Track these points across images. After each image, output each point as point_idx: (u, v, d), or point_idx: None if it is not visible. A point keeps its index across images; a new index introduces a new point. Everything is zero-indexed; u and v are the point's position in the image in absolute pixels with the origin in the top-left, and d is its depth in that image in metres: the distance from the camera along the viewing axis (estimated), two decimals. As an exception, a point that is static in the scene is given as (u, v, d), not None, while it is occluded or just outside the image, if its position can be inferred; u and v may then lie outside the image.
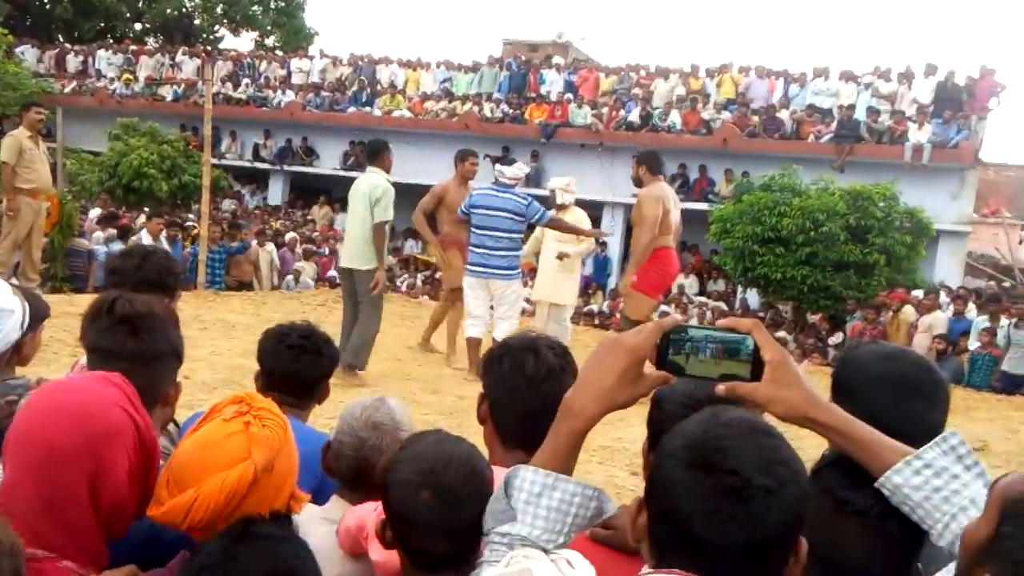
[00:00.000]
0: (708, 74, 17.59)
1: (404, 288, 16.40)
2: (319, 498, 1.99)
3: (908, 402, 1.47)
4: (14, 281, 7.69)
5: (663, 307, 14.31)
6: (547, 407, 1.30)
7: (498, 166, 6.65)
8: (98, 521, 1.36)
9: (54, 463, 1.32)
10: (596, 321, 13.61)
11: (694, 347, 1.22)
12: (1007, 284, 15.15)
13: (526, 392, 1.63)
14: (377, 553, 1.57)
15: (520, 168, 6.69)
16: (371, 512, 1.66)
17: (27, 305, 2.14)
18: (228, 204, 18.67)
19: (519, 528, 1.20)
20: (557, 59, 19.52)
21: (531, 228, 6.78)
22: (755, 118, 16.22)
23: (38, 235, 8.05)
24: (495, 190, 6.45)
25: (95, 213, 13.46)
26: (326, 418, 3.32)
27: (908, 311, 11.42)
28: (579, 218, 7.28)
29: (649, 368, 1.22)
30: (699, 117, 16.41)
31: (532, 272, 7.80)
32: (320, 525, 1.77)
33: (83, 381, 1.45)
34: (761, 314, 13.83)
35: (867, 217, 12.22)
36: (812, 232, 12.11)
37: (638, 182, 6.67)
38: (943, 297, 12.09)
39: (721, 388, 1.19)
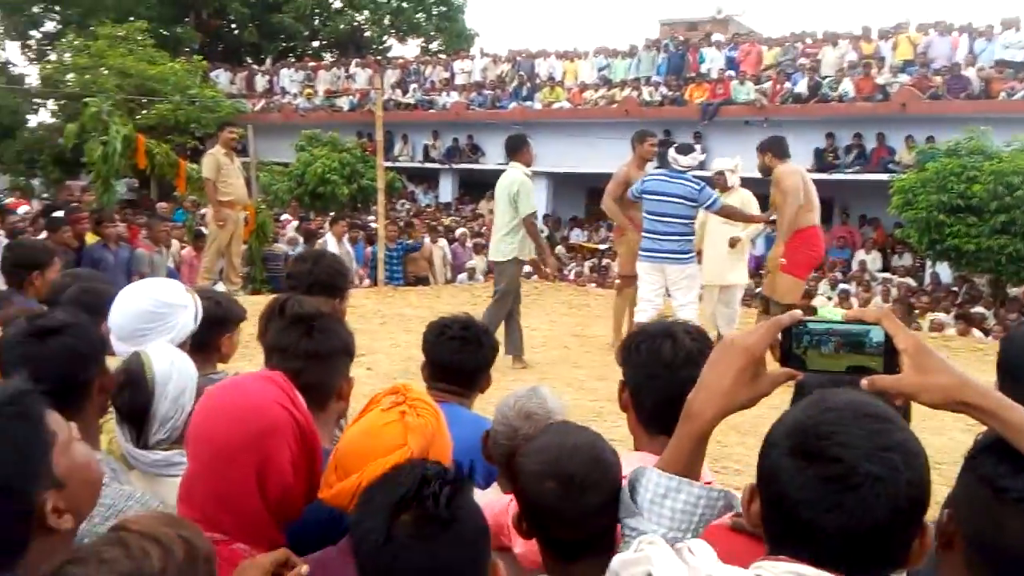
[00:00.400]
0: (882, 36, 16.52)
1: (572, 276, 16.65)
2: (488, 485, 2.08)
3: None
4: (220, 285, 8.59)
5: (843, 286, 13.68)
6: (686, 392, 1.30)
7: (672, 151, 6.47)
8: (268, 509, 1.45)
9: (223, 458, 1.43)
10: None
11: (814, 341, 1.20)
12: None
13: (664, 378, 1.64)
14: (520, 546, 1.62)
15: (695, 156, 6.55)
16: (502, 506, 1.71)
17: (199, 301, 2.34)
18: (402, 204, 19.68)
19: (645, 524, 1.24)
20: (717, 36, 19.01)
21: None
22: (937, 79, 15.07)
23: (237, 243, 8.87)
24: (667, 175, 6.38)
25: (288, 220, 14.63)
26: (494, 405, 3.48)
27: None
28: (745, 200, 7.26)
29: (774, 366, 1.22)
30: (873, 82, 15.45)
31: (698, 255, 7.75)
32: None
33: (246, 381, 1.55)
34: (955, 288, 12.90)
35: (1073, 175, 11.11)
36: (1008, 198, 11.15)
37: (766, 171, 6.62)
38: None
39: (865, 382, 1.15)
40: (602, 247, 19.13)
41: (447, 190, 21.72)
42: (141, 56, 20.39)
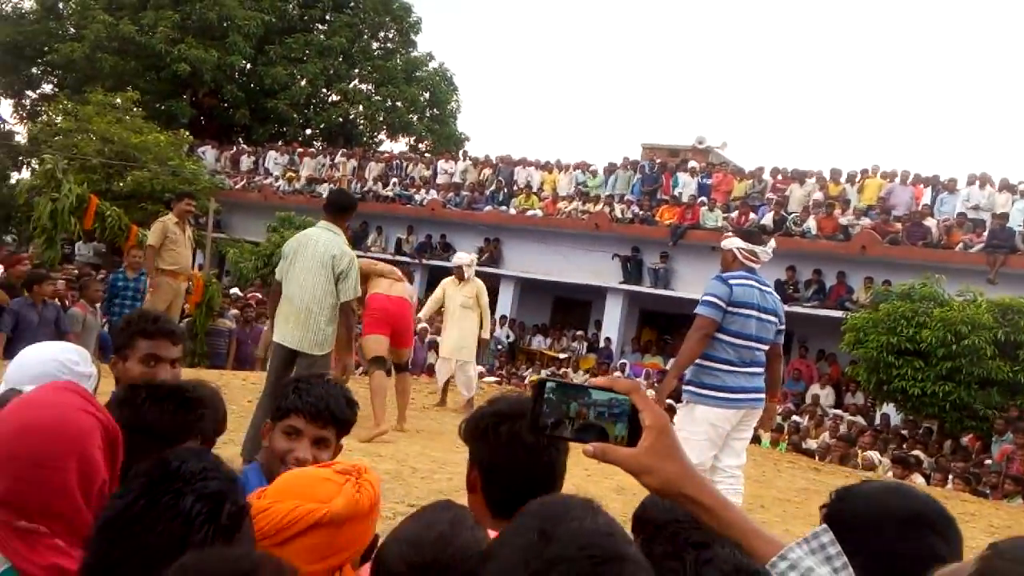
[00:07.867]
0: (848, 179, 17.05)
1: (526, 382, 16.50)
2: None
3: (922, 538, 1.42)
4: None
5: (795, 418, 13.60)
6: (546, 475, 1.31)
7: (743, 242, 4.91)
8: (88, 505, 1.51)
9: (45, 470, 1.48)
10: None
11: (573, 409, 1.15)
12: None
13: (526, 461, 1.59)
14: None
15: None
16: None
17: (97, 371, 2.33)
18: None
19: None
20: (692, 163, 19.56)
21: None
22: (898, 225, 15.47)
23: (175, 313, 8.73)
24: (759, 281, 4.78)
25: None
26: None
27: (1070, 437, 10.25)
28: (480, 288, 8.80)
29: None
30: (836, 222, 15.84)
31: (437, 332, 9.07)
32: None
33: (43, 395, 1.60)
34: (904, 432, 12.83)
35: (1018, 332, 11.27)
36: (954, 345, 11.27)
37: None
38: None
39: (589, 449, 1.12)
40: (562, 356, 19.06)
41: (416, 285, 21.74)
42: (128, 125, 20.66)
